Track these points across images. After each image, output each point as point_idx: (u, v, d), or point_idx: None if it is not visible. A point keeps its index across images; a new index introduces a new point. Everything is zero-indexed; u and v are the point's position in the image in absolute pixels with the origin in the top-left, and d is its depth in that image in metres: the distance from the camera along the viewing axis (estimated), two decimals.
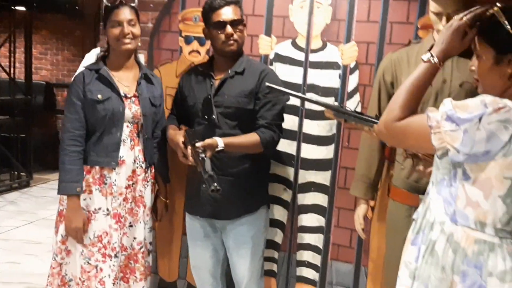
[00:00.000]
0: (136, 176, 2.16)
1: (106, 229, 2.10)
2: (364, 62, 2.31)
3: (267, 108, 2.04)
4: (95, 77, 2.09)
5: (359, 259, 2.45)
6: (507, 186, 1.22)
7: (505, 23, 1.24)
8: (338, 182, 2.43)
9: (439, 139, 1.25)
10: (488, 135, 1.18)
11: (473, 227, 1.28)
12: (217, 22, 2.02)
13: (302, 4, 2.35)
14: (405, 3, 2.22)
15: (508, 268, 1.24)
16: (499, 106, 1.17)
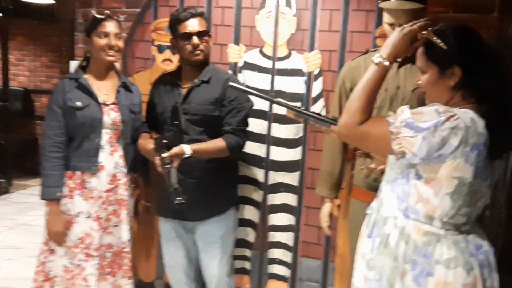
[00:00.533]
0: (116, 180, 2.25)
1: (87, 231, 2.19)
2: (327, 69, 2.45)
3: (232, 114, 2.14)
4: (74, 86, 2.19)
5: (327, 255, 2.58)
6: (454, 184, 1.36)
7: (437, 42, 1.38)
8: (305, 182, 2.56)
9: (398, 144, 1.36)
10: (442, 140, 1.31)
11: (422, 220, 1.42)
12: (184, 33, 2.12)
13: (268, 15, 2.48)
14: (364, 14, 2.36)
15: (452, 257, 1.38)
16: (450, 115, 1.31)
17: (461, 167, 1.33)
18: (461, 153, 1.32)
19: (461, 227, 1.42)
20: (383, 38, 2.28)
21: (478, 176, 1.35)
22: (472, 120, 1.33)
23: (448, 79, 1.39)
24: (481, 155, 1.33)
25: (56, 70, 6.93)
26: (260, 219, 2.64)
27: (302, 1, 2.43)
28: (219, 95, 2.13)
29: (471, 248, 1.40)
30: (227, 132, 2.12)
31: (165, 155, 1.93)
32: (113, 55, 2.19)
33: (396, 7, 1.91)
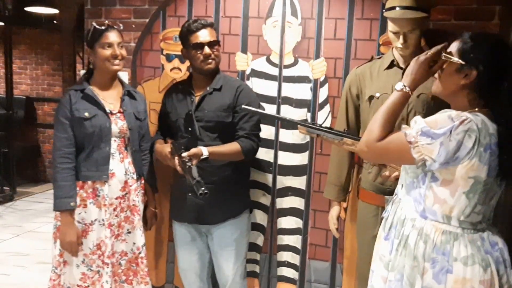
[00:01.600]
0: (128, 186, 2.29)
1: (102, 238, 2.22)
2: (332, 76, 2.52)
3: (245, 120, 2.22)
4: (80, 97, 2.20)
5: (334, 257, 2.64)
6: (470, 183, 1.43)
7: (455, 60, 1.46)
8: (313, 186, 2.62)
9: (417, 152, 1.44)
10: (457, 144, 1.39)
11: (440, 220, 1.49)
12: (196, 43, 2.19)
13: (275, 24, 2.55)
14: (368, 22, 2.43)
15: (469, 254, 1.44)
16: (463, 119, 1.39)
17: (476, 167, 1.40)
18: (475, 153, 1.39)
19: (477, 225, 1.49)
20: (387, 45, 2.35)
21: (491, 174, 1.42)
22: (483, 122, 1.40)
23: (462, 77, 1.47)
24: (493, 154, 1.40)
25: (58, 79, 6.99)
26: (269, 223, 2.70)
27: (307, 11, 2.51)
28: (231, 101, 2.21)
29: (487, 245, 1.47)
30: (241, 137, 2.20)
31: (184, 155, 2.00)
32: (118, 64, 2.22)
33: (400, 16, 1.97)
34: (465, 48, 1.48)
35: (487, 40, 1.48)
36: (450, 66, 1.50)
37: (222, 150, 2.16)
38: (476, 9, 2.27)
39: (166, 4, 2.71)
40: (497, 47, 1.47)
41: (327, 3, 2.48)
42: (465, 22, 2.28)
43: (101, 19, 2.81)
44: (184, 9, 2.69)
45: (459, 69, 1.47)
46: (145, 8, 2.73)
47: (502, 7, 2.23)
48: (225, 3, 2.63)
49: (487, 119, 1.42)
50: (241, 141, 2.20)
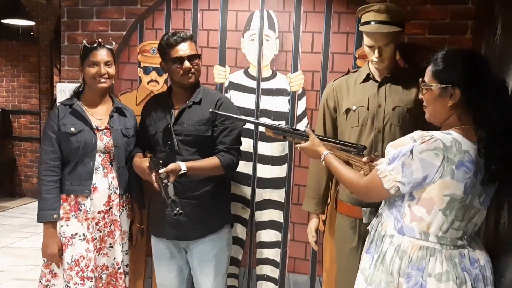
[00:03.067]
0: (111, 201, 2.29)
1: (82, 253, 2.22)
2: (310, 89, 2.53)
3: (225, 134, 2.19)
4: (69, 112, 2.24)
5: (314, 270, 2.63)
6: (446, 201, 1.44)
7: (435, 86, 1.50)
8: (292, 199, 2.62)
9: (387, 182, 1.49)
10: (422, 162, 1.41)
11: (418, 237, 1.50)
12: (175, 57, 2.16)
13: (253, 37, 2.57)
14: (344, 36, 2.46)
15: (444, 271, 1.45)
16: (426, 139, 1.41)
17: (450, 184, 1.41)
18: (446, 171, 1.40)
19: (457, 242, 1.49)
20: (363, 59, 2.38)
21: (469, 192, 1.43)
22: (454, 140, 1.41)
23: (448, 99, 1.48)
24: (468, 172, 1.41)
25: (35, 91, 6.89)
26: (248, 236, 2.69)
27: (285, 24, 2.53)
28: (210, 115, 2.17)
29: (466, 262, 1.47)
30: (221, 151, 2.17)
31: (161, 171, 1.97)
32: (104, 82, 2.24)
33: (375, 30, 2.00)
34: (439, 70, 1.50)
35: (458, 56, 1.50)
36: (432, 93, 1.51)
37: (201, 165, 2.13)
38: (450, 24, 2.32)
39: (143, 17, 2.70)
40: (469, 59, 1.49)
41: (304, 17, 2.50)
42: (439, 36, 2.33)
43: (77, 31, 2.79)
44: (161, 22, 2.69)
45: (442, 93, 1.49)
46: (122, 21, 2.72)
47: (474, 21, 2.29)
48: (203, 16, 2.63)
49: (462, 137, 1.43)
50: (221, 155, 2.17)
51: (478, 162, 1.42)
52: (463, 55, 1.50)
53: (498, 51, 1.85)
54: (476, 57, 1.51)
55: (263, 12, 2.55)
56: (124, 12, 2.71)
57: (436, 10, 2.32)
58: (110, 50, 2.29)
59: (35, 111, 6.85)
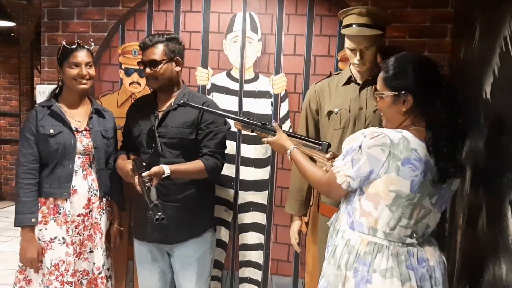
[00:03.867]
0: (91, 204, 2.26)
1: (62, 257, 2.17)
2: (293, 91, 2.54)
3: (209, 137, 2.17)
4: (47, 113, 2.19)
5: (296, 272, 2.63)
6: (392, 197, 1.48)
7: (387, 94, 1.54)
8: (274, 201, 2.62)
9: (340, 177, 1.53)
10: (369, 157, 1.46)
11: (366, 232, 1.53)
12: (139, 62, 2.20)
13: (235, 39, 2.56)
14: (326, 39, 2.48)
15: (389, 267, 1.48)
16: (375, 135, 1.45)
17: (395, 180, 1.44)
18: (392, 167, 1.44)
19: (405, 239, 1.51)
20: (345, 62, 2.40)
21: (417, 191, 1.46)
22: (403, 138, 1.45)
23: (401, 105, 1.51)
24: (415, 170, 1.43)
25: (15, 92, 6.77)
26: (231, 239, 2.68)
27: (267, 27, 2.53)
28: (195, 118, 2.15)
29: (413, 261, 1.49)
30: (205, 154, 2.15)
31: (144, 174, 1.95)
32: (85, 83, 2.22)
33: (357, 33, 2.02)
34: (389, 77, 1.52)
35: (407, 61, 1.52)
36: (385, 101, 1.55)
37: (185, 168, 2.11)
38: (430, 27, 2.35)
39: (125, 18, 2.68)
40: (419, 64, 1.51)
41: (287, 20, 2.51)
42: (419, 39, 2.36)
43: (58, 32, 2.76)
44: (143, 23, 2.67)
45: (395, 100, 1.52)
46: (104, 22, 2.69)
47: (454, 25, 2.32)
48: (185, 17, 2.62)
49: (412, 136, 1.46)
50: (205, 159, 2.14)
51: (427, 161, 1.44)
52: (412, 61, 1.52)
53: (477, 54, 1.88)
54: (425, 62, 1.54)
55: (246, 14, 2.55)
56: (105, 13, 2.68)
57: (416, 13, 2.35)
58: (90, 51, 2.26)
59: (15, 113, 6.73)
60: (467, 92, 1.96)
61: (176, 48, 2.18)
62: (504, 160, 1.45)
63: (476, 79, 1.80)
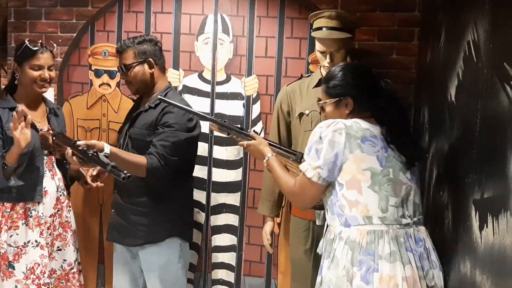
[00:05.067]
0: (60, 203, 2.22)
1: (37, 260, 2.12)
2: (264, 93, 2.56)
3: (159, 138, 2.04)
4: (11, 115, 2.07)
5: (269, 273, 2.65)
6: (368, 176, 1.54)
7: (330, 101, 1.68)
8: (247, 203, 2.63)
9: (309, 172, 1.58)
10: (329, 142, 1.54)
11: (362, 223, 1.55)
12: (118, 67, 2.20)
13: (206, 41, 2.56)
14: (297, 41, 2.50)
15: (393, 251, 1.51)
16: (330, 123, 1.57)
17: (363, 157, 1.55)
18: (353, 145, 1.54)
19: (401, 220, 1.56)
20: (316, 64, 2.42)
21: (387, 165, 1.56)
22: (355, 121, 1.59)
23: (344, 108, 1.65)
24: (375, 146, 1.56)
25: None
26: (203, 241, 2.67)
27: (238, 29, 2.54)
28: (154, 119, 2.09)
29: (411, 242, 1.55)
30: (150, 153, 2.03)
31: (80, 143, 1.83)
32: (46, 87, 2.17)
33: (326, 36, 2.05)
34: (328, 87, 1.68)
35: (339, 71, 1.68)
36: (329, 108, 1.69)
37: (126, 156, 1.99)
38: (397, 31, 2.40)
39: (94, 19, 2.64)
40: (348, 69, 1.68)
41: (258, 22, 2.52)
42: (387, 42, 2.40)
43: (25, 33, 2.69)
44: (113, 24, 2.64)
45: (337, 105, 1.66)
46: (72, 23, 2.64)
47: (420, 28, 2.38)
48: (156, 18, 2.60)
49: (361, 120, 1.60)
50: (149, 157, 2.01)
51: (383, 139, 1.58)
52: (345, 69, 1.68)
53: (442, 57, 1.93)
54: (358, 68, 1.73)
55: (217, 16, 2.55)
56: (74, 13, 2.64)
57: (384, 17, 2.40)
58: (52, 53, 2.21)
59: None
60: (433, 95, 2.02)
61: (148, 50, 2.13)
62: (467, 161, 1.49)
63: (441, 82, 1.85)
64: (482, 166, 1.39)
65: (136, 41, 2.14)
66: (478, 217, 1.38)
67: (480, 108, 1.44)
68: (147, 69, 2.14)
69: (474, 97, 1.50)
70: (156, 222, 2.13)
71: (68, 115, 2.68)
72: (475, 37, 1.52)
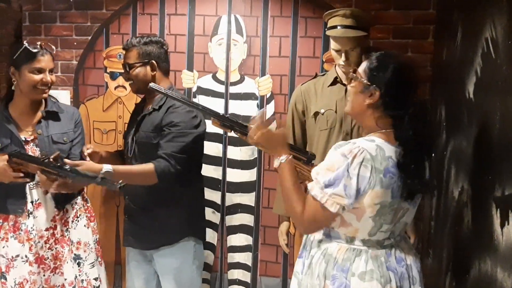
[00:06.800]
0: (56, 217, 2.09)
1: (26, 276, 2.02)
2: (278, 93, 2.56)
3: (167, 139, 2.01)
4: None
5: (285, 273, 2.65)
6: (377, 209, 1.43)
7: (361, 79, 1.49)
8: (262, 203, 2.63)
9: (332, 205, 1.41)
10: (357, 178, 1.39)
11: (344, 241, 1.50)
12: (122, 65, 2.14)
13: (220, 41, 2.57)
14: (311, 40, 2.50)
15: (368, 270, 1.45)
16: (355, 153, 1.40)
17: (380, 193, 1.41)
18: (375, 181, 1.40)
19: (384, 242, 1.50)
20: (331, 62, 2.42)
21: (396, 196, 1.43)
22: (378, 147, 1.42)
23: (367, 97, 1.47)
24: (393, 177, 1.41)
25: None
26: (219, 241, 2.68)
27: (252, 29, 2.55)
28: (159, 121, 2.05)
29: (392, 261, 1.48)
30: (158, 157, 1.99)
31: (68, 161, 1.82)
32: (46, 92, 2.03)
33: (342, 35, 2.04)
34: (370, 68, 1.49)
35: (390, 61, 1.48)
36: (357, 86, 1.51)
37: (130, 169, 1.97)
38: (412, 29, 2.38)
39: (109, 22, 2.67)
40: (399, 68, 1.47)
41: (272, 22, 2.53)
42: (402, 40, 2.39)
43: (40, 36, 2.72)
44: (128, 27, 2.66)
45: (364, 89, 1.48)
46: (87, 26, 2.67)
47: (435, 26, 2.36)
48: (170, 20, 2.62)
49: (384, 142, 1.44)
50: (157, 161, 1.96)
51: None
52: (395, 62, 1.49)
53: (459, 55, 1.92)
54: (409, 70, 1.49)
55: (231, 17, 2.56)
56: (89, 16, 2.66)
57: (399, 15, 2.39)
58: (52, 56, 2.06)
59: None
60: (450, 93, 2.00)
61: (152, 52, 2.09)
62: (487, 159, 1.48)
63: (459, 80, 1.84)
64: (502, 163, 1.38)
65: (142, 42, 2.10)
66: (499, 214, 1.37)
67: (499, 105, 1.43)
68: (149, 70, 2.09)
69: (493, 93, 1.49)
70: (170, 224, 2.11)
71: (84, 118, 2.71)
72: (493, 34, 1.51)
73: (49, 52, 2.04)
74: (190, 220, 2.19)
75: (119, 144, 2.64)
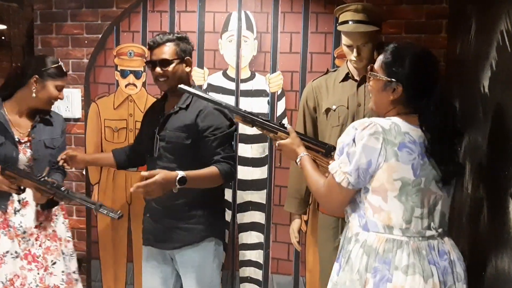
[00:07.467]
0: (43, 215, 2.17)
1: (17, 272, 2.07)
2: (289, 89, 2.54)
3: (216, 144, 2.03)
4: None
5: (297, 271, 2.63)
6: (398, 186, 1.42)
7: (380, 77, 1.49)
8: (273, 200, 2.62)
9: (338, 175, 1.46)
10: (364, 147, 1.40)
11: (382, 231, 1.47)
12: (148, 61, 2.10)
13: (231, 38, 2.56)
14: (322, 36, 2.48)
15: (411, 263, 1.42)
16: (366, 125, 1.42)
17: (397, 167, 1.40)
18: (389, 153, 1.39)
19: (425, 232, 1.46)
20: (342, 58, 2.39)
21: (420, 175, 1.41)
22: (393, 123, 1.42)
23: (390, 93, 1.47)
24: (412, 153, 1.40)
25: None
26: (230, 238, 2.67)
27: (263, 25, 2.53)
28: (190, 122, 2.04)
29: (434, 255, 1.44)
30: (217, 161, 2.02)
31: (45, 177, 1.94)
32: (52, 104, 2.21)
33: (353, 30, 2.02)
34: (386, 63, 1.48)
35: (406, 53, 1.47)
36: (377, 83, 1.50)
37: (200, 174, 1.97)
38: (425, 23, 2.35)
39: (119, 20, 2.67)
40: (416, 59, 1.46)
41: (282, 18, 2.51)
42: (415, 35, 2.36)
43: (51, 35, 2.74)
44: (138, 25, 2.66)
45: (386, 86, 1.48)
46: (98, 24, 2.67)
47: (448, 21, 2.33)
48: (180, 18, 2.61)
49: (402, 121, 1.43)
50: (219, 164, 2.01)
51: (421, 143, 1.42)
52: (412, 53, 1.47)
53: (473, 49, 1.89)
54: (425, 57, 1.48)
55: (241, 13, 2.55)
56: (99, 14, 2.67)
57: (411, 9, 2.36)
58: None
59: None
60: (465, 87, 1.97)
61: (187, 48, 2.10)
62: (503, 154, 1.45)
63: (473, 74, 1.80)
64: None
65: (176, 37, 2.07)
66: None
67: None
68: (184, 67, 2.10)
69: (509, 88, 1.46)
70: (192, 224, 2.11)
71: (95, 116, 2.73)
72: (509, 26, 1.48)
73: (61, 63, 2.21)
74: (213, 221, 2.18)
75: (130, 142, 2.64)
